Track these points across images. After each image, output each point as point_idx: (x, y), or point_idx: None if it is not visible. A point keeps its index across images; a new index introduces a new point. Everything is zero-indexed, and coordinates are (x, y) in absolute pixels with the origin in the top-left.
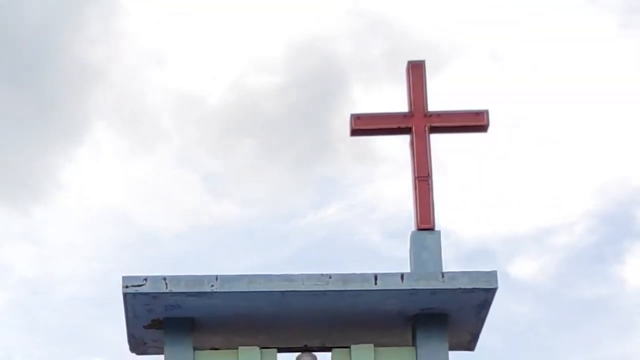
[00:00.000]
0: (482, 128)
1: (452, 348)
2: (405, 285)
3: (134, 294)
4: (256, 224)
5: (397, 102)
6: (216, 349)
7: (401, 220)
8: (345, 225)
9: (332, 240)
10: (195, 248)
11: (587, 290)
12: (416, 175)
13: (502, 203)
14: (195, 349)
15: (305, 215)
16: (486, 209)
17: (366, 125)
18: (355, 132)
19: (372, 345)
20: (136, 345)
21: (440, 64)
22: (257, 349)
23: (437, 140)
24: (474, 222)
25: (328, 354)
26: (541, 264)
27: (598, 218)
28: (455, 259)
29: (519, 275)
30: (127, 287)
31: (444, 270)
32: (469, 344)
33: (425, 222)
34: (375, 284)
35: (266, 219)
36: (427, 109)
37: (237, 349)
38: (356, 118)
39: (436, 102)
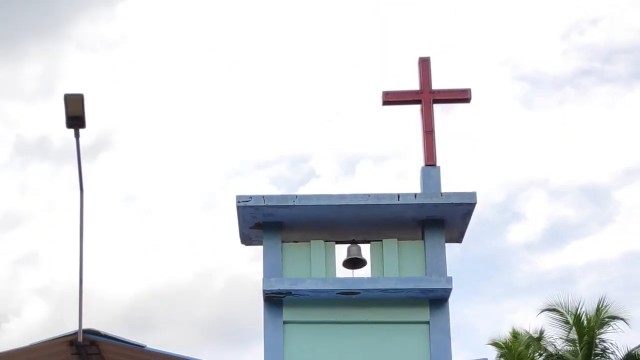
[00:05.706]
0: (467, 100)
1: (447, 241)
2: (418, 200)
3: (244, 207)
4: None
5: (410, 82)
6: (296, 242)
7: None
8: None
9: None
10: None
11: (486, 244)
12: (425, 130)
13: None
14: (282, 241)
15: None
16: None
17: (392, 98)
18: (385, 103)
19: (396, 239)
20: (244, 239)
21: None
22: (322, 242)
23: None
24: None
25: (367, 245)
26: None
27: (496, 202)
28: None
29: None
30: (239, 202)
31: (442, 191)
32: (458, 239)
33: (430, 160)
34: (398, 199)
35: None
36: (431, 87)
37: (309, 242)
38: (386, 93)
39: (438, 82)
